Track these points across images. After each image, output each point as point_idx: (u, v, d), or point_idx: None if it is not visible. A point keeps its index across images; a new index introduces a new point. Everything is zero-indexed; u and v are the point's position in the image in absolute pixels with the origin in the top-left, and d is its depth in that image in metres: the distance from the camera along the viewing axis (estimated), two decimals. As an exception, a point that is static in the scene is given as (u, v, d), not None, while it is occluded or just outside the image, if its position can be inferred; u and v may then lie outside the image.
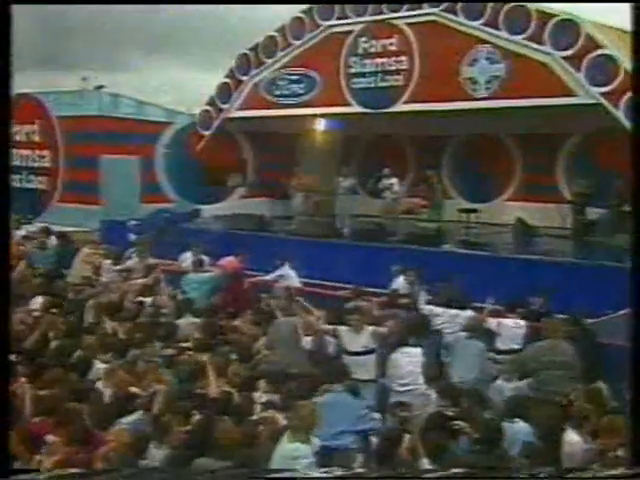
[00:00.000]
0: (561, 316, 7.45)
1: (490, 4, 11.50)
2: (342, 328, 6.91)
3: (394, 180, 13.65)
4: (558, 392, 5.99)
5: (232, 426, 4.86)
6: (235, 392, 5.69)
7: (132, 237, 12.04)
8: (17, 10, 3.52)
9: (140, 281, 9.25)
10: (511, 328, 7.35)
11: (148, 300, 8.57)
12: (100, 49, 25.39)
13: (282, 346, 7.00)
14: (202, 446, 4.53)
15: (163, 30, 25.58)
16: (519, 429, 5.18)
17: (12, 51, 3.48)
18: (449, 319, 7.64)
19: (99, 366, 6.27)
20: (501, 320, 7.44)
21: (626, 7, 3.82)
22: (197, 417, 5.05)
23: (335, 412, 5.23)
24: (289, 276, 9.91)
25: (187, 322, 7.96)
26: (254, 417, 5.32)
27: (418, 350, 6.66)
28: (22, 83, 12.58)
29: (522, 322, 7.39)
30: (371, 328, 6.82)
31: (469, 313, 7.58)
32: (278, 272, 10.01)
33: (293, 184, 14.89)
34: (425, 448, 4.64)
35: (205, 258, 10.29)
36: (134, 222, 13.11)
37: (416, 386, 6.38)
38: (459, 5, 11.89)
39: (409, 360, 6.52)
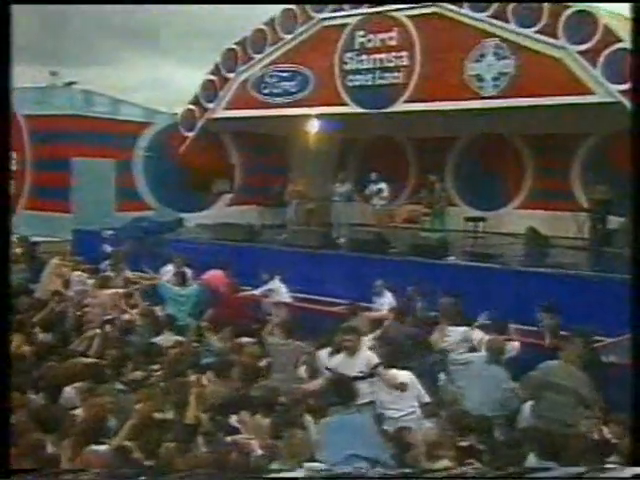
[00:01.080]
0: (576, 335, 7.43)
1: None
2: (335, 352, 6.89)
3: (383, 185, 13.74)
4: (564, 421, 5.94)
5: (203, 454, 4.86)
6: (209, 417, 5.67)
7: (107, 248, 11.98)
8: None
9: (109, 292, 9.24)
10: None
11: (123, 317, 8.55)
12: (71, 41, 25.27)
13: (279, 370, 7.05)
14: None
15: (144, 21, 25.57)
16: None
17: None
18: (457, 339, 7.65)
19: (69, 390, 6.20)
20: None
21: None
22: (167, 446, 5.03)
23: (345, 434, 5.23)
24: (279, 291, 9.98)
25: (167, 340, 7.92)
26: (227, 441, 5.34)
27: (412, 375, 6.63)
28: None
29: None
30: (367, 351, 6.77)
31: (478, 333, 7.59)
32: (267, 286, 10.06)
33: (285, 190, 14.93)
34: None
35: (188, 271, 10.31)
36: (109, 232, 13.04)
37: (413, 411, 6.36)
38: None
39: (408, 383, 6.49)
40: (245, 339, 8.14)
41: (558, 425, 5.91)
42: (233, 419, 5.79)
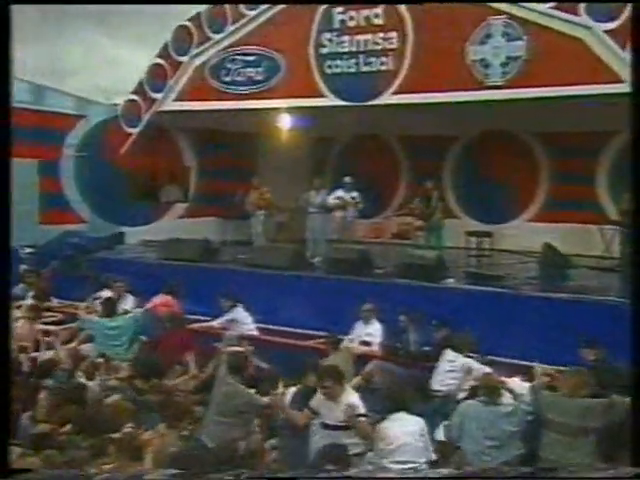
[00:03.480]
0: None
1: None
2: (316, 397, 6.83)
3: (355, 194, 13.86)
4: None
5: None
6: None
7: (24, 269, 11.80)
8: None
9: (27, 325, 9.14)
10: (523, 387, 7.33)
11: (44, 355, 8.48)
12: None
13: (227, 418, 6.94)
14: None
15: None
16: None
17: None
18: (459, 374, 7.72)
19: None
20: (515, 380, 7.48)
21: None
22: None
23: None
24: (243, 321, 10.10)
25: (99, 384, 7.86)
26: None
27: (416, 418, 6.63)
28: None
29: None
30: (351, 395, 6.71)
31: (483, 369, 7.68)
32: (228, 315, 10.13)
33: (250, 199, 14.91)
34: None
35: (129, 297, 10.47)
36: (28, 249, 12.87)
37: (415, 464, 6.30)
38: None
39: (404, 430, 6.46)
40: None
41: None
42: None
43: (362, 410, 6.51)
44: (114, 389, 7.75)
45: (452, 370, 8.08)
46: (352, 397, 6.65)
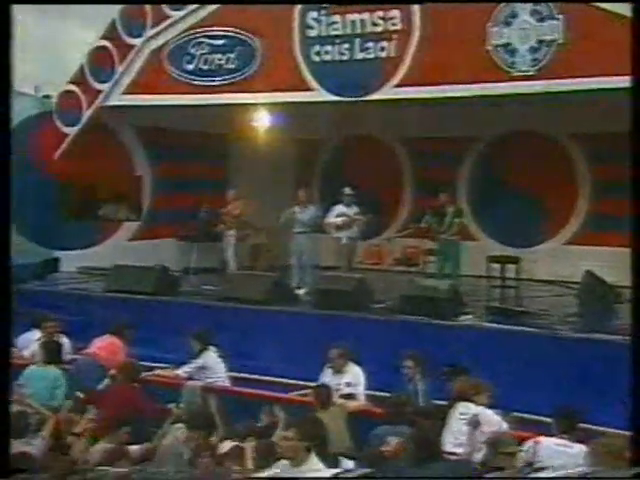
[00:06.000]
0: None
1: None
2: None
3: (356, 209, 13.87)
4: None
5: None
6: None
7: None
8: None
9: None
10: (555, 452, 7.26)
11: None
12: None
13: None
14: None
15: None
16: None
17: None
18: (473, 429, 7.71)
19: None
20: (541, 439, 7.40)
21: None
22: None
23: None
24: (214, 368, 10.11)
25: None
26: None
27: None
28: None
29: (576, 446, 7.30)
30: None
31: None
32: (198, 362, 10.11)
33: (219, 217, 14.93)
34: None
35: (64, 340, 10.39)
36: None
37: None
38: None
39: None
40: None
41: None
42: None
43: None
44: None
45: (465, 425, 7.96)
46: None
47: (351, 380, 9.37)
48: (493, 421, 7.81)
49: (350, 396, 9.34)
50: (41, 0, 13.40)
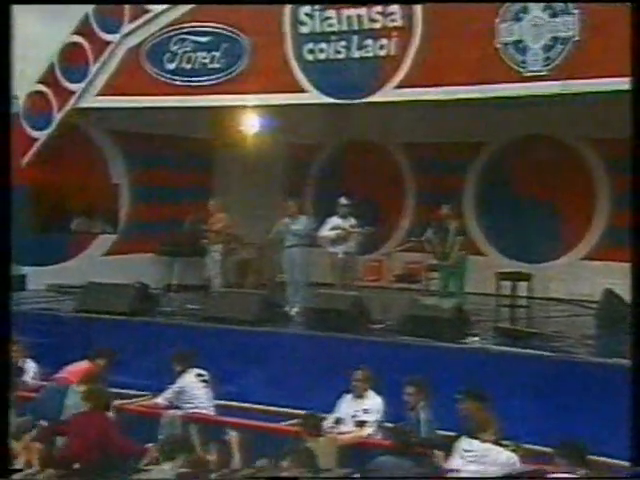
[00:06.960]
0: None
1: None
2: None
3: (353, 221, 13.84)
4: None
5: None
6: None
7: None
8: None
9: None
10: None
11: None
12: None
13: None
14: None
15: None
16: None
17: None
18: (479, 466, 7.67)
19: None
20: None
21: None
22: None
23: None
24: (193, 392, 10.09)
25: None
26: None
27: None
28: None
29: None
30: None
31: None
32: (173, 387, 10.14)
33: (203, 229, 14.87)
34: None
35: (31, 365, 10.57)
36: None
37: None
38: None
39: None
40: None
41: None
42: None
43: None
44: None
45: (470, 461, 7.88)
46: None
47: (369, 407, 9.30)
48: (500, 460, 7.70)
49: (364, 423, 9.30)
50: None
